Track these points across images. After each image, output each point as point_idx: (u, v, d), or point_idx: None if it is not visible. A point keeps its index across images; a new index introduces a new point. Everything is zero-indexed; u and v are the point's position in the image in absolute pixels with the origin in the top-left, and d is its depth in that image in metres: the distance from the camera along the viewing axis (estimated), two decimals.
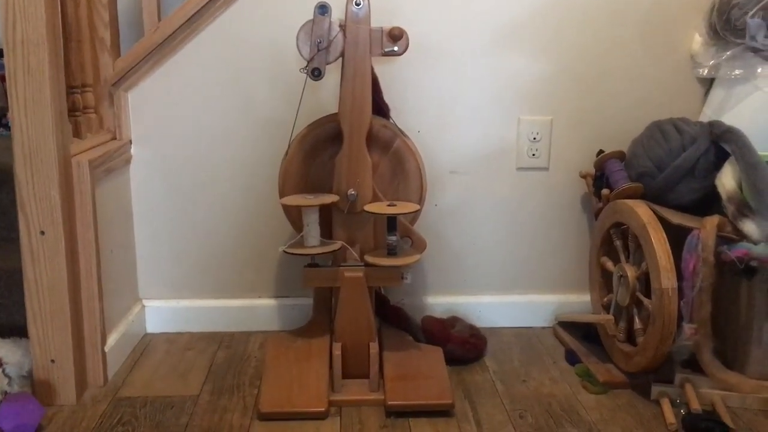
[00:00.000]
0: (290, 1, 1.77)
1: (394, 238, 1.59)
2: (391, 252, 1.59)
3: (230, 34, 1.80)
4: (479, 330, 1.85)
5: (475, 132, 1.89)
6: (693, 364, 1.54)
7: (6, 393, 1.48)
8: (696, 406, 1.48)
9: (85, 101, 1.69)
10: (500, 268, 1.97)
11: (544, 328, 1.97)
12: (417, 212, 1.67)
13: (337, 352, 1.56)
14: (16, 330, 1.57)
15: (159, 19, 1.78)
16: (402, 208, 1.58)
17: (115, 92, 1.79)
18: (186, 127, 1.84)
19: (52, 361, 1.52)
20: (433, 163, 1.84)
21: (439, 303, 1.97)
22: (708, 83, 1.85)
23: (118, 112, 1.80)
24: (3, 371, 1.49)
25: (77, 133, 1.63)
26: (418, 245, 1.66)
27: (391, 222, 1.58)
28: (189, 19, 1.76)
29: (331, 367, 1.58)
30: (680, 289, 1.49)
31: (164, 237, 1.90)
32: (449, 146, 1.89)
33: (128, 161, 1.84)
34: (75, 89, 1.63)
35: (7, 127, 2.19)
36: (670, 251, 1.50)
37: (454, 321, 1.87)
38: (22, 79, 1.41)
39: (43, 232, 1.47)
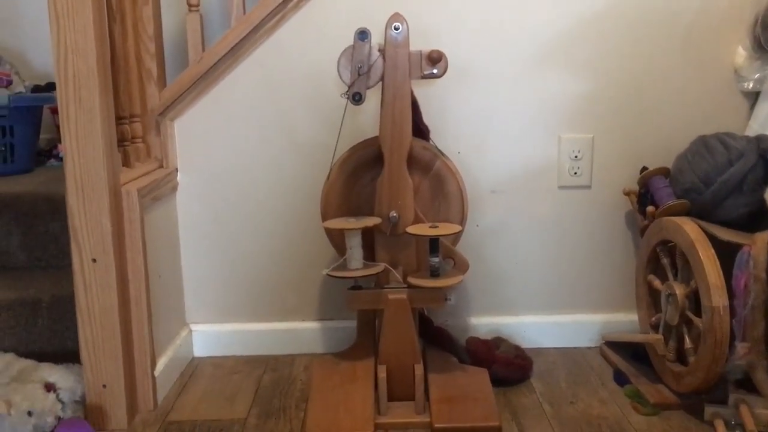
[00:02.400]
0: (329, 29, 1.80)
1: (436, 259, 1.59)
2: (434, 273, 1.59)
3: (271, 62, 1.84)
4: (524, 350, 1.83)
5: (515, 151, 1.89)
6: (747, 384, 1.50)
7: (60, 418, 1.51)
8: (752, 427, 1.43)
9: (134, 131, 1.74)
10: (544, 287, 1.95)
11: (590, 347, 1.94)
12: (459, 233, 1.66)
13: (382, 374, 1.57)
14: (69, 356, 1.61)
15: (203, 50, 1.82)
16: (444, 229, 1.59)
17: (161, 121, 1.83)
18: (230, 154, 1.88)
19: (104, 386, 1.55)
20: (474, 183, 1.84)
21: (483, 323, 1.95)
22: (753, 97, 1.82)
23: (164, 141, 1.84)
24: (57, 396, 1.52)
25: (126, 162, 1.68)
26: (461, 266, 1.66)
27: (434, 243, 1.58)
28: (231, 49, 1.80)
29: (376, 389, 1.58)
30: (732, 307, 1.45)
31: (210, 262, 1.93)
32: (490, 166, 1.89)
33: (175, 188, 1.88)
34: (123, 120, 1.68)
35: (58, 157, 2.27)
36: (720, 268, 1.47)
37: (498, 342, 1.85)
38: (74, 111, 1.46)
39: (95, 260, 1.50)
